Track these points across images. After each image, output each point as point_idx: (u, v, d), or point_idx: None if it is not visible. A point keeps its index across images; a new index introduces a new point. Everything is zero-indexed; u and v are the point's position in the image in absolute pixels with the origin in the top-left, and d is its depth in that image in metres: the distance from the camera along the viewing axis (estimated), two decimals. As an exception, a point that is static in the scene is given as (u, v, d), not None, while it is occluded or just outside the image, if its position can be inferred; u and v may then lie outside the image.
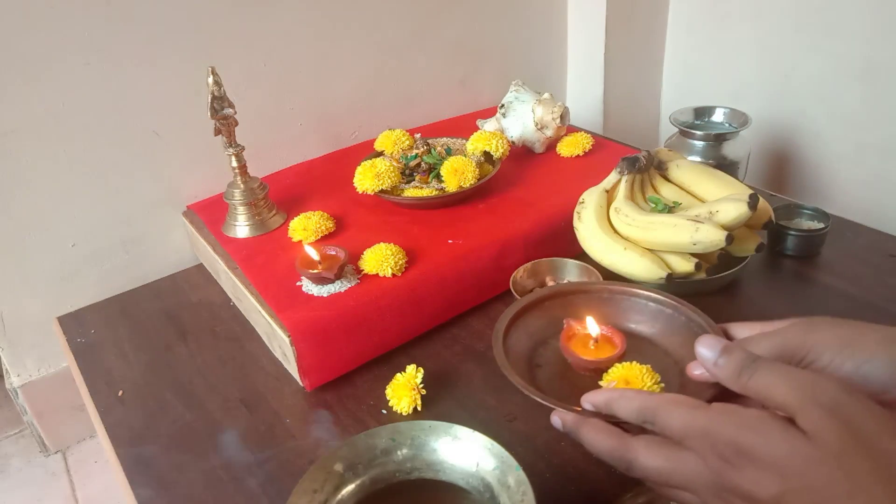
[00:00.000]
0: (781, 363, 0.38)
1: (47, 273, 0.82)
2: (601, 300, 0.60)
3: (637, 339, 0.58)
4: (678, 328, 0.56)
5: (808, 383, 0.35)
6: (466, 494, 0.43)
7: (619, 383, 0.52)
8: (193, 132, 0.85)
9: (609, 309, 0.59)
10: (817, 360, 0.40)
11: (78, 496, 0.85)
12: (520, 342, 0.56)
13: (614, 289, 0.60)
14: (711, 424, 0.36)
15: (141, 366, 0.71)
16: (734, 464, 0.35)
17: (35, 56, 0.73)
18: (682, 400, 0.39)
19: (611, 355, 0.54)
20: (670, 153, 0.77)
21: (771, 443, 0.34)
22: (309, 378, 0.64)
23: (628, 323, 0.59)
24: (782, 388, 0.35)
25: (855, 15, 0.96)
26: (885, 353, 0.38)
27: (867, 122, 1.00)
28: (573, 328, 0.57)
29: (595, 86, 1.21)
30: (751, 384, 0.37)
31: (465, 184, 0.79)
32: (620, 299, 0.59)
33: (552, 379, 0.55)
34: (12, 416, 0.95)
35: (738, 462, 0.35)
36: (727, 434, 0.35)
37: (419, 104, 1.08)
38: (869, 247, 0.78)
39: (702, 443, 0.37)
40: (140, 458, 0.59)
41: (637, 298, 0.59)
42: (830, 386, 0.34)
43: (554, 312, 0.59)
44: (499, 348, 0.53)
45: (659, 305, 0.58)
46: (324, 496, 0.42)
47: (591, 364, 0.54)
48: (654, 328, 0.58)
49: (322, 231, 0.76)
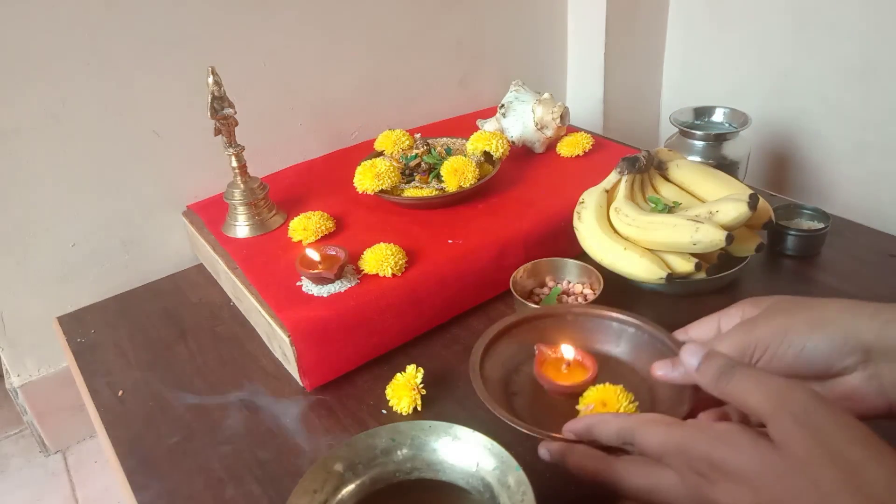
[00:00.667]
0: (757, 370, 0.39)
1: (47, 273, 0.82)
2: (566, 323, 0.61)
3: (605, 359, 0.59)
4: (642, 346, 0.58)
5: (780, 391, 0.36)
6: (466, 494, 0.43)
7: (596, 406, 0.53)
8: (193, 132, 0.85)
9: (575, 331, 0.60)
10: (765, 354, 0.42)
11: (78, 496, 0.85)
12: (494, 371, 0.57)
13: (578, 311, 0.61)
14: (685, 441, 0.37)
15: (141, 366, 0.71)
16: (709, 478, 0.36)
17: (35, 56, 0.73)
18: (657, 419, 0.40)
19: (585, 379, 0.55)
20: (670, 153, 0.77)
21: (742, 456, 0.35)
22: (309, 378, 0.64)
23: (595, 344, 0.60)
24: (756, 395, 0.36)
25: (855, 15, 0.96)
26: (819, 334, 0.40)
27: (867, 121, 1.00)
28: (545, 353, 0.57)
29: (595, 86, 1.21)
30: (727, 389, 0.39)
31: (465, 184, 0.79)
32: (584, 321, 0.60)
33: (530, 406, 0.56)
34: (12, 416, 0.95)
35: (713, 476, 0.36)
36: (700, 450, 0.36)
37: (419, 104, 1.08)
38: (869, 247, 0.78)
39: (678, 460, 0.38)
40: (140, 458, 0.59)
41: (600, 319, 0.60)
42: (800, 395, 0.35)
43: (522, 338, 0.60)
44: (478, 383, 0.53)
45: (621, 325, 0.59)
46: (324, 496, 0.42)
47: (566, 389, 0.54)
48: (620, 347, 0.59)
49: (322, 231, 0.76)
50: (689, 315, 0.70)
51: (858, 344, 0.39)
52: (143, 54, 0.79)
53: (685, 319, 0.70)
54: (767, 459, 0.34)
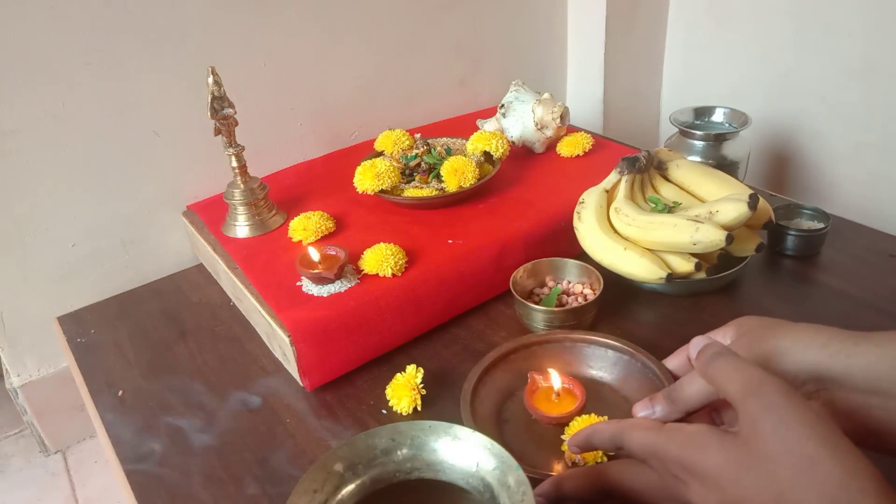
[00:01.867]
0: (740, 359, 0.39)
1: (47, 273, 0.82)
2: (563, 349, 0.62)
3: (598, 385, 0.61)
4: (634, 373, 0.59)
5: (753, 381, 0.36)
6: (466, 494, 0.43)
7: None
8: (193, 132, 0.85)
9: (571, 357, 0.62)
10: None
11: (78, 496, 0.85)
12: (489, 397, 0.59)
13: (575, 338, 0.62)
14: (659, 445, 0.39)
15: (141, 366, 0.71)
16: (683, 480, 0.37)
17: (35, 56, 0.73)
18: (641, 423, 0.42)
19: (571, 410, 0.56)
20: (670, 153, 0.77)
21: (709, 456, 0.36)
22: (309, 378, 0.64)
23: (590, 370, 0.62)
24: (732, 383, 0.37)
25: (855, 15, 0.96)
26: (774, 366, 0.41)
27: (867, 121, 1.00)
28: (536, 382, 0.59)
29: (595, 86, 1.21)
30: (710, 373, 0.40)
31: (465, 184, 0.79)
32: (581, 347, 0.62)
33: (519, 433, 0.57)
34: (12, 416, 0.95)
35: (685, 478, 0.37)
36: (673, 452, 0.38)
37: (419, 104, 1.08)
38: (869, 247, 0.78)
39: (657, 463, 0.40)
40: (140, 458, 0.59)
41: (596, 347, 0.62)
42: (772, 386, 0.35)
43: (519, 365, 0.61)
44: (467, 412, 0.55)
45: (617, 353, 0.61)
46: (324, 496, 0.42)
47: (553, 420, 0.56)
48: (614, 374, 0.61)
49: (322, 231, 0.76)
50: (688, 315, 0.71)
51: (810, 374, 0.40)
52: (143, 54, 0.79)
53: (685, 319, 0.70)
54: (732, 455, 0.35)
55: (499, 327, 0.71)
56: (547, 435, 0.56)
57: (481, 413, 0.56)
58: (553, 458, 0.54)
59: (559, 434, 0.56)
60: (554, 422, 0.56)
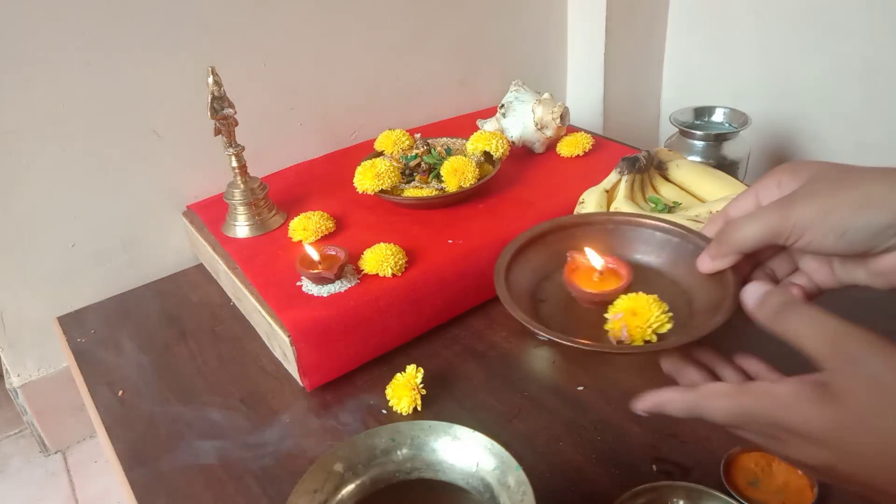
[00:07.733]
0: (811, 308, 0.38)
1: (47, 273, 0.82)
2: (605, 231, 0.56)
3: (644, 269, 0.55)
4: (686, 256, 0.53)
5: (835, 336, 0.36)
6: (466, 494, 0.43)
7: (625, 315, 0.50)
8: (193, 132, 0.85)
9: (614, 240, 0.56)
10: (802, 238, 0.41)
11: (78, 496, 0.85)
12: (523, 277, 0.54)
13: (619, 219, 0.57)
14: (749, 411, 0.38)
15: (141, 366, 0.70)
16: (782, 440, 0.37)
17: (35, 56, 0.73)
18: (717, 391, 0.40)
19: (615, 287, 0.51)
20: (670, 153, 0.77)
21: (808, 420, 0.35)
22: (309, 378, 0.64)
23: (634, 254, 0.56)
24: (811, 341, 0.36)
25: (855, 15, 0.96)
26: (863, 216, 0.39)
27: (867, 121, 1.00)
28: (577, 261, 0.54)
29: (595, 86, 1.21)
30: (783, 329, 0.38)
31: (465, 184, 0.79)
32: (626, 230, 0.56)
33: (556, 313, 0.52)
34: (12, 416, 0.95)
35: (785, 437, 0.36)
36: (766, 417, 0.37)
37: (419, 104, 1.08)
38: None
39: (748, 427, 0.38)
40: (140, 458, 0.59)
41: (643, 228, 0.56)
42: (855, 341, 0.35)
43: (556, 247, 0.56)
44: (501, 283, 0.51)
45: (666, 234, 0.55)
46: (324, 496, 0.42)
47: (595, 297, 0.51)
48: (662, 258, 0.55)
49: (322, 231, 0.76)
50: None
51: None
52: (143, 54, 0.79)
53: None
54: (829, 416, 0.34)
55: (499, 327, 0.71)
56: (586, 315, 0.51)
57: (516, 292, 0.52)
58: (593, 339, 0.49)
59: (601, 314, 0.51)
60: (596, 299, 0.51)
